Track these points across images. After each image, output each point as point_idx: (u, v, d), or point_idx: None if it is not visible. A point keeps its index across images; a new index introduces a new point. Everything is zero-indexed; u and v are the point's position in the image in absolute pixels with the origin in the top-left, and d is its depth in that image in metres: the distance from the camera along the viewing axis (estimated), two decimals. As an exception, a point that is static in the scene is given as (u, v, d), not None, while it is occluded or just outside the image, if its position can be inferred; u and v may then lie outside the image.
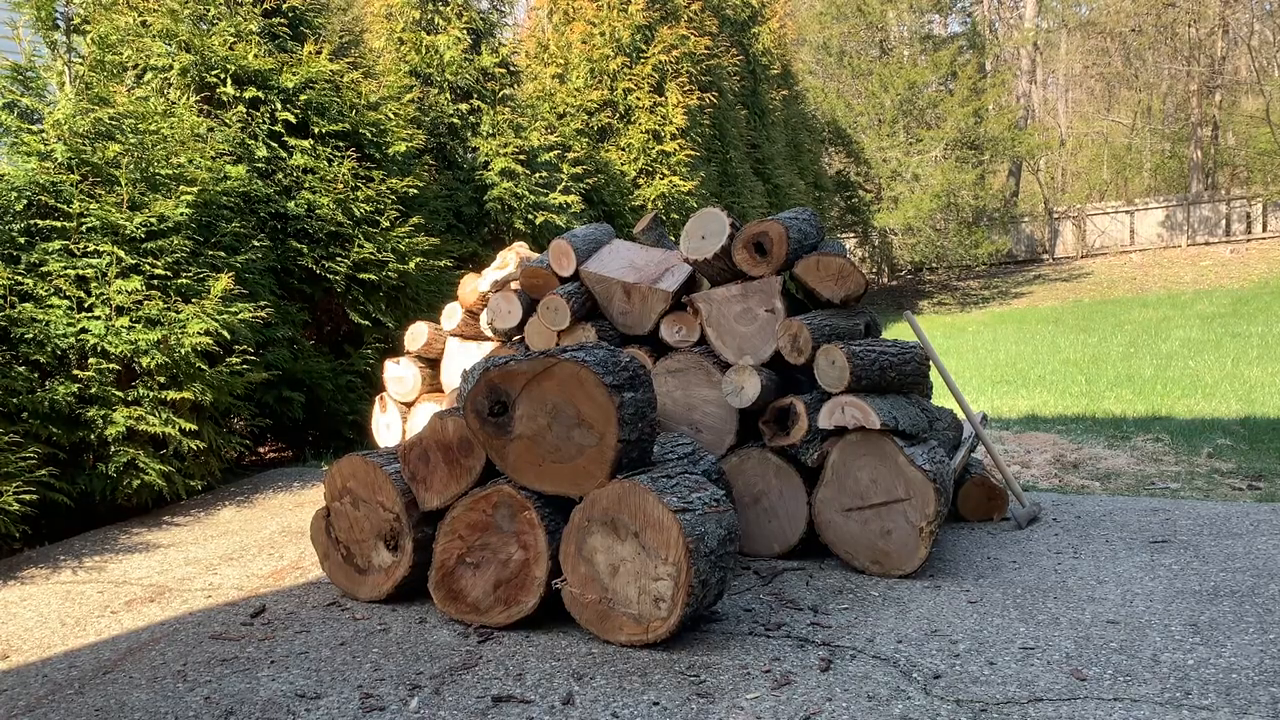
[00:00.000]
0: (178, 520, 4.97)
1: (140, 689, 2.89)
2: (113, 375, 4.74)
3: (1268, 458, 5.47)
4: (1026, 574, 3.56)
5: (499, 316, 4.82)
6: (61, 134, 4.99)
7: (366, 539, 3.53)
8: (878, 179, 26.37)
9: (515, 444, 3.17)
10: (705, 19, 13.94)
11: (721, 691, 2.67)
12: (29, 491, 4.22)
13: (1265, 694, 2.51)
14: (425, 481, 3.40)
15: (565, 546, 3.10)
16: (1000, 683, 2.64)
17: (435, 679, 2.85)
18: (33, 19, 5.53)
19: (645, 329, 4.36)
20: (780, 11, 19.77)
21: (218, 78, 6.54)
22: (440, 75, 9.35)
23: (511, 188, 8.96)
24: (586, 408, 3.06)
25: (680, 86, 12.28)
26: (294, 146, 6.68)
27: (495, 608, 3.22)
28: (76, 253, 4.82)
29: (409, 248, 7.00)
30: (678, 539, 2.91)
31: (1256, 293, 18.96)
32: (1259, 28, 29.63)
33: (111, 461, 4.72)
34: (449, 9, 9.57)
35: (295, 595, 3.72)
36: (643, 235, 4.82)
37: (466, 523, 3.27)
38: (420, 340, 5.50)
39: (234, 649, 3.17)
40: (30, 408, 4.50)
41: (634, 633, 3.00)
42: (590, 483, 3.08)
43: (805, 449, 3.76)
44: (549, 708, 2.63)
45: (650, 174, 12.07)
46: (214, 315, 4.96)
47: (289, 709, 2.70)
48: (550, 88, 11.89)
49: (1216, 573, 3.47)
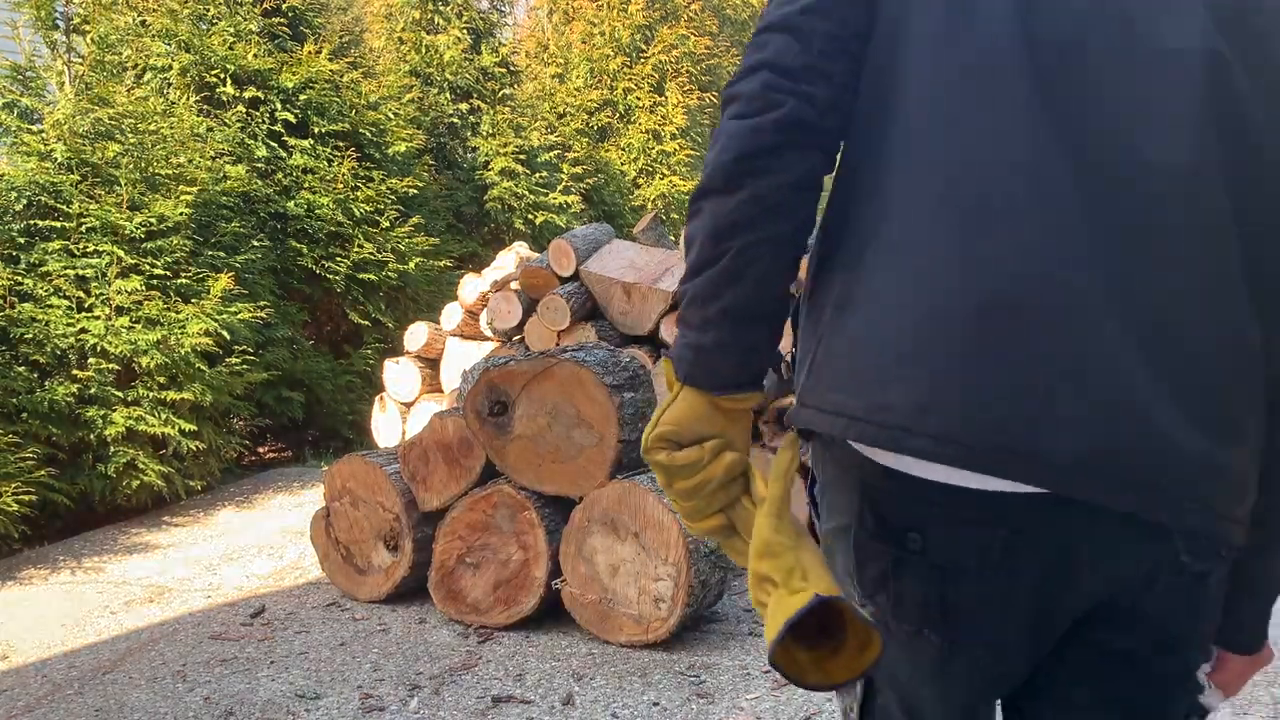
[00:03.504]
0: (177, 520, 4.97)
1: (140, 689, 2.89)
2: (112, 375, 4.74)
3: (1268, 458, 5.47)
4: (1027, 574, 3.56)
5: (499, 316, 4.82)
6: (61, 134, 4.98)
7: (366, 539, 3.53)
8: (878, 179, 26.38)
9: (515, 444, 3.17)
10: (705, 19, 13.94)
11: (721, 692, 2.67)
12: (28, 492, 4.21)
13: (1265, 694, 2.51)
14: (425, 482, 3.40)
15: (565, 547, 3.10)
16: (1000, 683, 2.64)
17: (435, 679, 2.85)
18: (33, 19, 5.52)
19: (645, 329, 4.36)
20: (780, 11, 19.80)
21: (217, 77, 6.54)
22: (440, 75, 9.35)
23: (511, 187, 8.95)
24: (586, 408, 3.06)
25: (680, 86, 12.28)
26: (294, 146, 6.68)
27: (495, 608, 3.22)
28: (76, 253, 4.82)
29: (409, 248, 7.00)
30: (678, 539, 2.91)
31: (1256, 292, 18.97)
32: (1259, 27, 29.74)
33: (111, 462, 4.71)
34: (449, 9, 9.56)
35: (295, 595, 3.71)
36: (643, 235, 4.81)
37: (466, 523, 3.27)
38: (420, 340, 5.50)
39: (233, 649, 3.17)
40: (30, 408, 4.50)
41: (634, 633, 2.99)
42: (590, 483, 3.08)
43: (805, 447, 3.75)
44: (549, 708, 2.63)
45: (650, 174, 12.07)
46: (214, 315, 4.95)
47: (289, 709, 2.70)
48: (550, 88, 11.89)
49: (1217, 573, 3.46)
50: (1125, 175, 0.89)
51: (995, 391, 0.87)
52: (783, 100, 0.90)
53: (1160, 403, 0.87)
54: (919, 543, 0.92)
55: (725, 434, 0.98)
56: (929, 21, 0.92)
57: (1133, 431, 0.87)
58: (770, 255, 0.93)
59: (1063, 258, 0.87)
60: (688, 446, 0.97)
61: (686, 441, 0.97)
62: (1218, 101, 0.89)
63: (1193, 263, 0.89)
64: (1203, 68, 0.88)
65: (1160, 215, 0.89)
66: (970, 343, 0.87)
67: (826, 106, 0.92)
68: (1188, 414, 0.88)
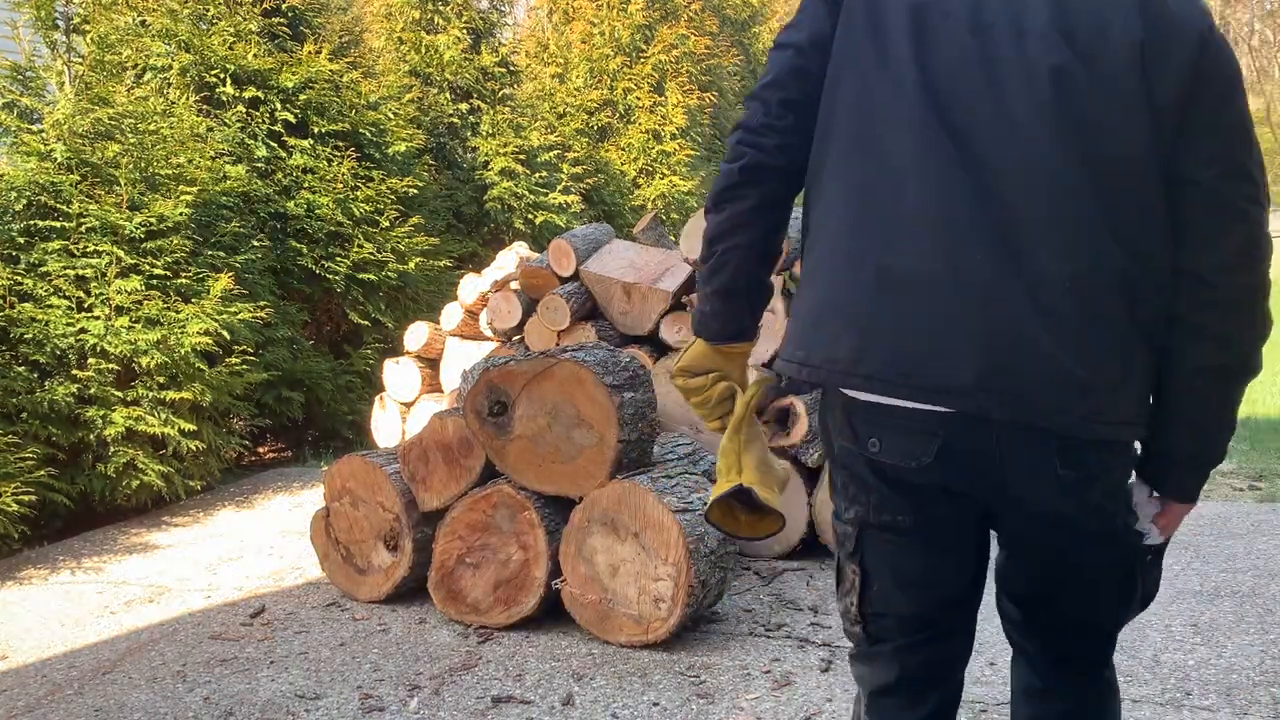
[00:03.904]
0: (177, 520, 4.97)
1: (139, 689, 2.89)
2: (112, 375, 4.74)
3: (1268, 458, 5.46)
4: (1027, 574, 3.56)
5: (499, 316, 4.82)
6: (61, 134, 4.98)
7: (366, 539, 3.53)
8: (878, 179, 26.37)
9: (515, 444, 3.17)
10: (705, 19, 13.92)
11: (721, 692, 2.67)
12: (28, 492, 4.21)
13: (1265, 694, 2.51)
14: (425, 482, 3.40)
15: (565, 547, 3.10)
16: (1001, 683, 2.64)
17: (435, 679, 2.85)
18: (33, 19, 5.52)
19: (645, 329, 4.36)
20: (780, 11, 19.75)
21: (217, 77, 6.54)
22: (440, 75, 9.34)
23: (511, 187, 8.95)
24: (586, 408, 3.06)
25: (680, 86, 12.27)
26: (293, 146, 6.67)
27: (495, 608, 3.22)
28: (76, 253, 4.82)
29: (409, 248, 6.99)
30: (678, 539, 2.91)
31: (1256, 292, 18.96)
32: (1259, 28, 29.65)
33: (110, 462, 4.71)
34: (449, 9, 9.56)
35: (295, 595, 3.71)
36: (643, 235, 4.81)
37: (466, 523, 3.27)
38: (420, 340, 5.49)
39: (233, 649, 3.17)
40: (29, 408, 4.49)
41: (634, 633, 2.99)
42: (590, 483, 3.08)
43: (805, 449, 3.76)
44: (549, 708, 2.63)
45: (650, 174, 12.06)
46: (213, 315, 4.95)
47: (288, 709, 2.70)
48: (550, 87, 11.88)
49: (1217, 573, 3.46)
50: (999, 166, 1.21)
51: (904, 343, 1.24)
52: (745, 152, 1.38)
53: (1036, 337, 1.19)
54: (878, 446, 1.31)
55: (722, 369, 1.49)
56: (856, 73, 1.30)
57: (1013, 362, 1.20)
58: (741, 254, 1.41)
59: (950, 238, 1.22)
60: (698, 376, 1.50)
61: (697, 373, 1.50)
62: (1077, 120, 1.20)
63: (1059, 223, 1.20)
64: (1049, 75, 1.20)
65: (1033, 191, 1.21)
66: (885, 306, 1.25)
67: (775, 150, 1.37)
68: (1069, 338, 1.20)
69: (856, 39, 1.30)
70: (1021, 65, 1.21)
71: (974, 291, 1.20)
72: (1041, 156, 1.20)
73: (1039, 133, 1.20)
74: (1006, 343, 1.20)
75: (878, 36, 1.28)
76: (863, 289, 1.26)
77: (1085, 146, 1.20)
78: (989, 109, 1.22)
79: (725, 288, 1.43)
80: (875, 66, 1.28)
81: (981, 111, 1.22)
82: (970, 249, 1.20)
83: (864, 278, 1.26)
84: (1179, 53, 1.20)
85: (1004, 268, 1.20)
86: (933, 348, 1.22)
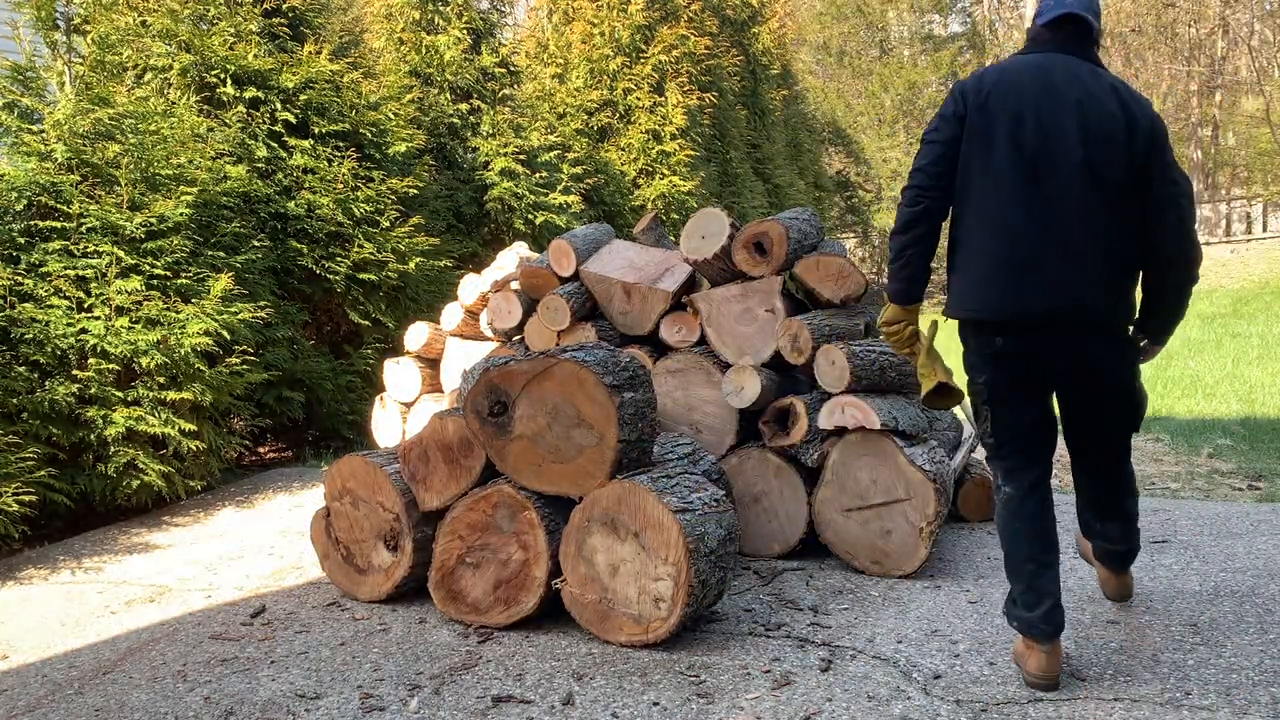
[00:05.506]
0: (177, 520, 4.97)
1: (140, 689, 2.89)
2: (112, 375, 4.74)
3: (1268, 458, 5.46)
4: (1027, 574, 3.55)
5: (499, 316, 4.82)
6: (61, 134, 4.99)
7: (366, 539, 3.53)
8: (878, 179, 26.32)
9: (515, 444, 3.17)
10: (705, 19, 13.92)
11: (721, 692, 2.67)
12: (28, 492, 4.22)
13: (1265, 694, 2.51)
14: (425, 481, 3.40)
15: (565, 546, 3.10)
16: (1000, 683, 2.64)
17: (435, 679, 2.85)
18: (33, 19, 5.53)
19: (645, 329, 4.36)
20: (780, 11, 19.74)
21: (218, 78, 6.54)
22: (440, 75, 9.34)
23: (512, 188, 8.95)
24: (586, 408, 3.06)
25: (680, 86, 12.27)
26: (294, 146, 6.68)
27: (495, 608, 3.22)
28: (76, 253, 4.82)
29: (409, 248, 6.99)
30: (678, 539, 2.91)
31: (1256, 293, 18.96)
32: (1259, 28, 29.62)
33: (111, 462, 4.72)
34: (449, 9, 9.56)
35: (295, 595, 3.72)
36: (643, 235, 4.81)
37: (466, 523, 3.27)
38: (420, 340, 5.50)
39: (234, 649, 3.17)
40: (30, 408, 4.50)
41: (634, 633, 2.99)
42: (590, 483, 3.08)
43: (805, 449, 3.76)
44: (549, 708, 2.63)
45: (650, 174, 12.06)
46: (214, 315, 4.95)
47: (289, 709, 2.70)
48: (550, 88, 11.88)
49: (1216, 573, 3.46)
50: (1059, 203, 2.49)
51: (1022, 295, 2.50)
52: (922, 199, 2.62)
53: (1077, 285, 2.49)
54: (1000, 343, 2.58)
55: (906, 319, 2.77)
56: (979, 156, 2.56)
57: (1065, 300, 2.49)
58: (919, 257, 2.67)
59: (1034, 240, 2.50)
60: (894, 325, 2.78)
61: (893, 323, 2.78)
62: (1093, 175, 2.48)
63: (1088, 233, 2.49)
64: (1080, 164, 2.48)
65: (1074, 214, 2.49)
66: (1014, 279, 2.51)
67: (938, 194, 2.61)
68: (1091, 286, 2.49)
69: (977, 138, 2.55)
70: (1064, 150, 2.48)
71: (1052, 271, 2.48)
72: (1078, 196, 2.48)
73: (1075, 183, 2.48)
74: (1068, 290, 2.48)
75: (989, 135, 2.53)
76: (1000, 270, 2.51)
77: (1097, 185, 2.48)
78: (1050, 172, 2.48)
79: (910, 275, 2.68)
80: (990, 151, 2.53)
81: (1045, 174, 2.48)
82: (1049, 248, 2.48)
83: (999, 265, 2.52)
84: (1144, 125, 2.50)
85: (1063, 255, 2.48)
86: (1033, 295, 2.49)
